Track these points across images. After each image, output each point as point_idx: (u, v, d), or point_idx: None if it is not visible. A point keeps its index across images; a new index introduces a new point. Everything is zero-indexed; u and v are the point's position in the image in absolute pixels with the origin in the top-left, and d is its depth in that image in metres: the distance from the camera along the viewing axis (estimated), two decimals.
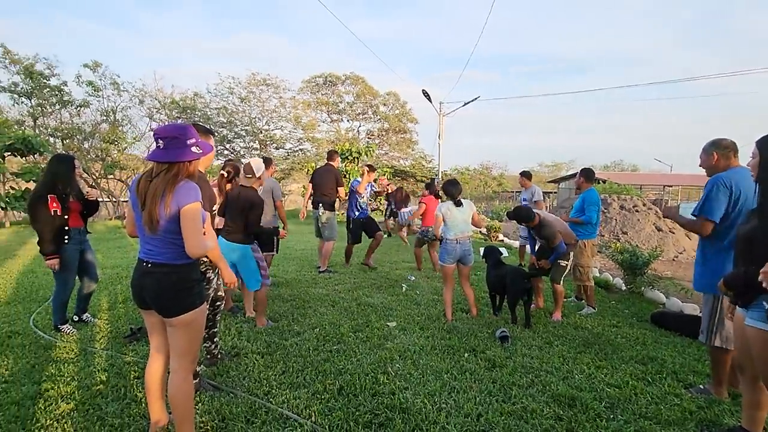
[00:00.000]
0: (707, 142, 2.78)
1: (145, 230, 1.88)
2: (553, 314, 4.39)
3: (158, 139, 1.89)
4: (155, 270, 1.93)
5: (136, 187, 1.91)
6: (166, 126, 1.95)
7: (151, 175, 1.88)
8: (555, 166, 47.22)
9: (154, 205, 1.82)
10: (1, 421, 2.28)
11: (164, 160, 1.86)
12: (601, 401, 2.65)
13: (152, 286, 1.93)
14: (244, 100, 22.45)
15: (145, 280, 1.95)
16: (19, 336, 3.54)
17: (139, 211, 1.89)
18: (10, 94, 15.56)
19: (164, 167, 1.86)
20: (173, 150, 1.86)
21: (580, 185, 4.81)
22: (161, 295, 1.92)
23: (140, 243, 1.99)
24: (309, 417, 2.39)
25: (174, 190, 1.83)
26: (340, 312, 4.36)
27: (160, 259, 1.92)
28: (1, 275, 5.81)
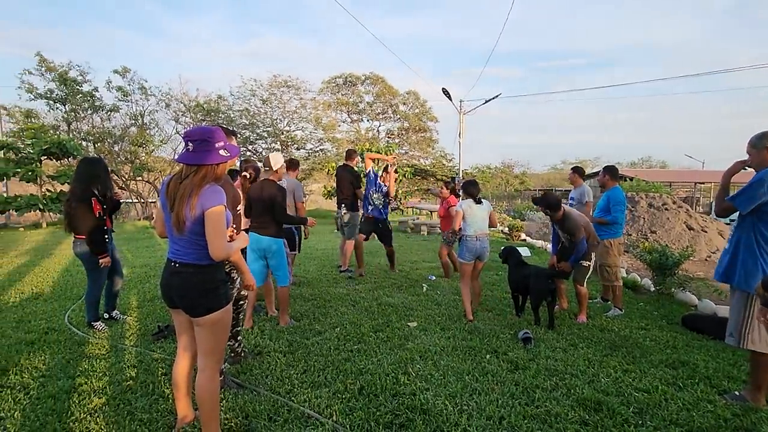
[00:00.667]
0: (754, 136, 2.61)
1: (173, 231, 1.94)
2: (578, 316, 4.29)
3: (188, 141, 1.93)
4: (182, 270, 1.98)
5: (166, 188, 1.97)
6: (195, 129, 1.99)
7: (180, 176, 1.94)
8: (579, 163, 46.11)
9: (181, 207, 1.87)
10: (39, 414, 2.39)
11: (192, 163, 1.90)
12: (628, 406, 2.57)
13: (179, 286, 1.98)
14: (266, 101, 22.80)
15: (172, 279, 2.00)
16: (55, 332, 3.70)
17: (168, 212, 1.95)
18: (46, 101, 16.28)
19: (193, 169, 1.91)
20: (201, 153, 1.91)
21: (604, 183, 4.66)
22: (188, 294, 1.97)
23: (169, 243, 2.04)
24: (330, 416, 2.41)
25: (200, 193, 1.87)
26: (360, 312, 4.38)
27: (186, 260, 1.97)
28: (39, 274, 6.09)
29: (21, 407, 2.47)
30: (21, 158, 12.75)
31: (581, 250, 4.08)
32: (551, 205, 4.03)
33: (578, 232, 3.98)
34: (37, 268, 6.46)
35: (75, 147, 13.36)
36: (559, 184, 35.83)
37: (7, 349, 3.29)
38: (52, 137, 13.08)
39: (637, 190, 12.32)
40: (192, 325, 2.07)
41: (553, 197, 4.09)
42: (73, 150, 13.14)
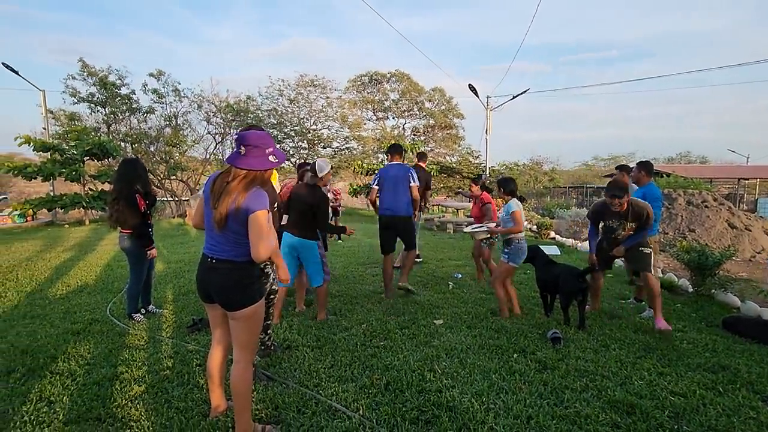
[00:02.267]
0: None
1: (214, 227, 2.01)
2: (655, 320, 3.83)
3: (240, 144, 2.00)
4: (219, 266, 2.05)
5: (212, 184, 2.05)
6: (251, 133, 2.04)
7: (227, 176, 2.01)
8: (612, 159, 44.35)
9: (226, 206, 1.94)
10: (86, 399, 2.54)
11: (244, 167, 1.97)
12: (663, 410, 2.48)
13: (217, 281, 2.06)
14: (293, 101, 23.18)
15: (210, 274, 2.08)
16: (98, 323, 3.92)
17: (210, 208, 2.03)
18: (88, 104, 17.14)
19: (242, 173, 1.98)
20: (253, 158, 1.98)
21: (639, 179, 4.50)
22: (225, 290, 2.05)
23: (206, 238, 2.13)
24: (357, 410, 2.45)
25: (246, 196, 1.95)
26: (386, 308, 4.40)
27: (224, 256, 2.04)
28: (83, 268, 6.44)
29: (69, 392, 2.63)
30: (66, 159, 13.48)
31: (639, 235, 3.88)
32: (622, 191, 3.82)
33: (649, 213, 3.79)
34: (81, 263, 6.83)
35: (114, 148, 14.01)
36: (590, 181, 34.69)
37: (55, 338, 3.52)
38: (94, 139, 13.75)
39: (674, 186, 11.81)
40: (226, 319, 2.15)
41: (623, 183, 3.92)
42: (113, 151, 13.79)
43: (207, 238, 2.12)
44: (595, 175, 38.96)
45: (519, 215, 3.96)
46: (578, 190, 29.33)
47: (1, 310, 4.34)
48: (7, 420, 2.32)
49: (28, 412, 2.39)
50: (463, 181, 24.31)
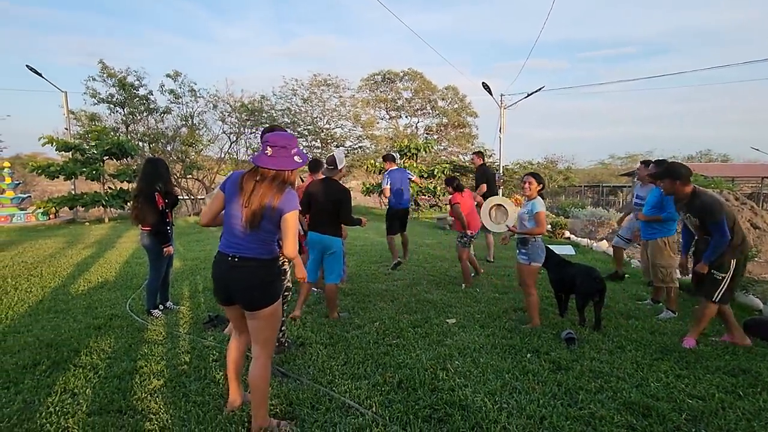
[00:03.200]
0: None
1: (244, 227, 2.04)
2: (686, 337, 3.50)
3: (267, 146, 2.05)
4: (243, 264, 2.08)
5: (240, 184, 2.07)
6: (278, 135, 2.10)
7: (255, 176, 2.05)
8: (629, 157, 43.44)
9: (260, 206, 1.99)
10: (107, 391, 2.62)
11: (272, 168, 2.03)
12: (680, 413, 2.45)
13: (241, 280, 2.09)
14: (307, 100, 23.32)
15: (232, 273, 2.10)
16: (119, 318, 4.03)
17: (237, 206, 2.06)
18: (107, 105, 17.54)
19: (272, 173, 2.03)
20: (280, 159, 2.04)
21: (649, 178, 4.39)
22: (250, 288, 2.08)
23: (225, 237, 2.15)
24: (370, 407, 2.47)
25: (282, 197, 2.01)
26: (399, 307, 4.42)
27: (249, 254, 2.08)
28: (103, 265, 6.62)
29: (91, 385, 2.72)
30: (86, 158, 13.82)
31: (719, 245, 3.23)
32: (678, 175, 3.33)
33: (717, 212, 3.19)
34: (102, 260, 7.01)
35: (132, 147, 14.31)
36: (606, 180, 34.08)
37: (78, 332, 3.63)
38: (113, 138, 14.06)
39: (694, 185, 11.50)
40: (245, 318, 2.18)
41: (680, 165, 3.44)
42: (131, 150, 14.09)
43: (227, 236, 2.14)
44: (612, 174, 38.24)
45: (543, 216, 3.77)
46: (594, 189, 28.87)
47: (27, 304, 4.48)
48: (33, 410, 2.41)
49: (53, 404, 2.48)
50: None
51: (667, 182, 3.49)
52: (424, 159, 21.48)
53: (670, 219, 4.24)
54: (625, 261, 7.40)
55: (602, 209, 12.74)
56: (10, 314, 4.14)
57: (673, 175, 3.43)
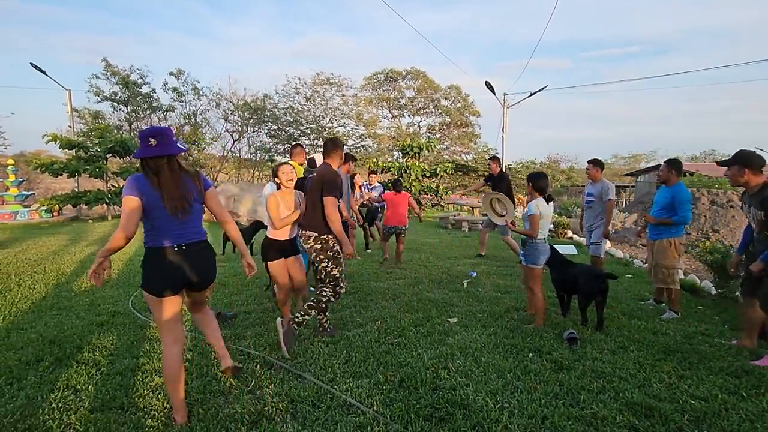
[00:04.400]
0: None
1: (179, 216, 2.22)
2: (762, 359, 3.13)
3: (149, 138, 2.23)
4: (199, 247, 2.34)
5: (150, 184, 2.21)
6: (152, 128, 2.34)
7: (171, 165, 2.28)
8: (633, 157, 43.34)
9: (186, 190, 2.29)
10: (109, 388, 2.63)
11: (159, 154, 2.22)
12: (683, 413, 2.43)
13: (203, 262, 2.37)
14: (309, 99, 23.37)
15: (195, 258, 2.31)
16: (121, 315, 4.04)
17: (158, 203, 2.18)
18: (110, 103, 17.62)
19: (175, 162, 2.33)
20: (166, 146, 2.25)
21: (668, 179, 4.25)
22: (210, 267, 2.42)
23: (167, 230, 2.21)
24: (371, 406, 2.47)
25: (200, 175, 2.40)
26: (400, 306, 4.42)
27: (199, 237, 2.35)
28: None
29: (94, 381, 2.73)
30: (90, 156, 13.88)
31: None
32: (750, 162, 3.02)
33: None
34: None
35: (135, 145, 14.36)
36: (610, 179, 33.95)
37: (81, 329, 3.64)
38: (116, 136, 14.14)
39: (698, 186, 11.49)
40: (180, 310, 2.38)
41: (752, 152, 3.10)
42: (134, 148, 14.14)
43: (170, 229, 2.21)
44: (615, 174, 38.11)
45: (536, 219, 3.70)
46: None
47: (30, 301, 4.51)
48: (36, 406, 2.42)
49: (56, 400, 2.49)
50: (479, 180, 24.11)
51: (734, 169, 3.14)
52: (427, 158, 21.47)
53: (682, 222, 4.14)
54: (628, 260, 7.38)
55: None
56: (14, 311, 4.16)
57: (745, 162, 3.07)
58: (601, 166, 4.76)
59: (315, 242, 3.36)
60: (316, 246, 3.36)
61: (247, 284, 5.30)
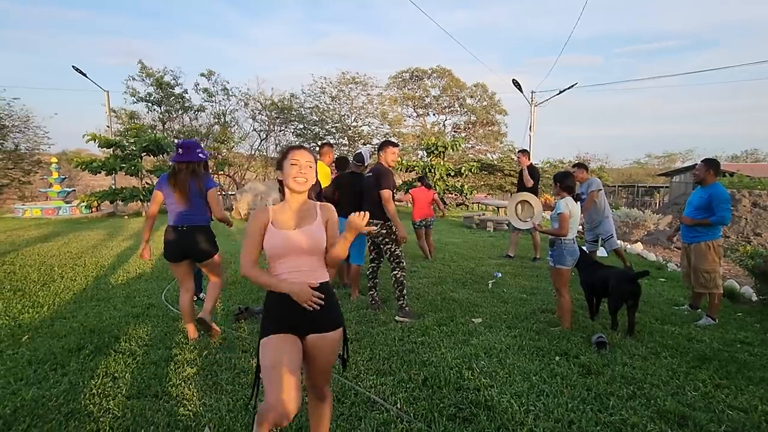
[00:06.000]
0: None
1: (182, 205, 3.22)
2: None
3: (179, 149, 3.26)
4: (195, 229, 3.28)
5: (168, 182, 3.28)
6: (185, 141, 3.34)
7: (177, 173, 3.27)
8: (667, 157, 41.59)
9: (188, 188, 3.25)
10: (144, 377, 2.75)
11: (184, 160, 3.26)
12: (720, 424, 2.34)
13: (196, 241, 3.28)
14: (335, 98, 23.55)
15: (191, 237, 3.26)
16: (155, 308, 4.21)
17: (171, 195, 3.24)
18: (145, 103, 18.29)
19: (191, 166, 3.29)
20: (188, 155, 3.26)
21: (704, 178, 4.08)
22: (201, 246, 3.30)
23: (175, 215, 3.25)
24: (395, 403, 2.49)
25: (205, 177, 3.35)
26: (424, 305, 4.42)
27: (195, 222, 3.28)
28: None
29: (130, 370, 2.86)
30: (126, 155, 14.47)
31: None
32: None
33: None
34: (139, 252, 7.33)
35: (168, 144, 14.86)
36: (643, 180, 32.74)
37: (118, 320, 3.82)
38: (150, 136, 14.66)
39: (738, 187, 10.94)
40: (190, 270, 3.43)
41: None
42: (167, 147, 14.64)
43: (177, 213, 3.24)
44: (648, 174, 36.71)
45: (565, 218, 3.64)
46: (629, 190, 27.82)
47: (72, 292, 4.76)
48: (78, 391, 2.56)
49: (96, 386, 2.63)
50: (504, 179, 23.75)
51: None
52: (451, 157, 21.29)
53: (720, 223, 3.98)
54: (662, 264, 7.11)
55: (637, 210, 12.25)
56: (57, 301, 4.40)
57: None
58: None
59: (381, 228, 4.02)
60: (382, 231, 4.02)
61: None
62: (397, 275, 4.01)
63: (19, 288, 4.81)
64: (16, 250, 7.11)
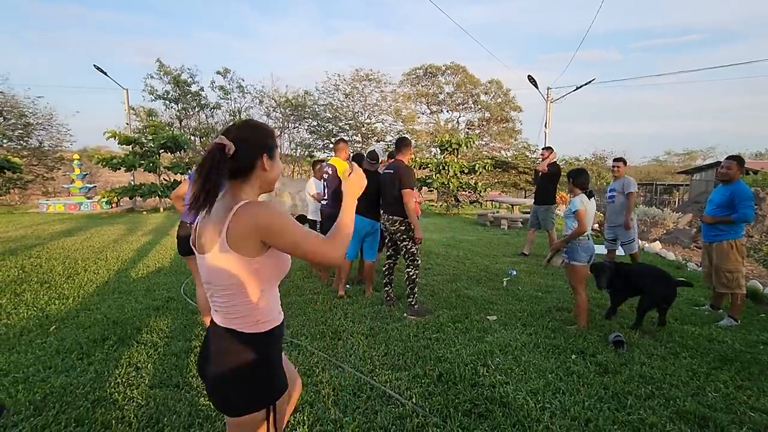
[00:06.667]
0: None
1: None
2: None
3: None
4: None
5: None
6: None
7: None
8: (688, 154, 40.53)
9: None
10: (166, 367, 2.83)
11: None
12: (741, 426, 2.30)
13: None
14: (348, 95, 23.60)
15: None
16: (174, 301, 4.31)
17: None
18: (163, 101, 18.63)
19: None
20: None
21: (732, 176, 3.96)
22: None
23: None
24: (410, 398, 2.51)
25: None
26: (439, 302, 4.42)
27: None
28: (160, 251, 7.08)
29: (152, 360, 2.94)
30: (144, 152, 14.78)
31: None
32: None
33: None
34: (158, 246, 7.50)
35: (185, 141, 15.14)
36: (662, 178, 32.03)
37: (139, 312, 3.92)
38: (168, 133, 14.94)
39: (762, 185, 10.64)
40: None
41: None
42: (184, 144, 14.91)
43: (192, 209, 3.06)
44: (668, 172, 35.88)
45: (583, 214, 3.62)
46: (647, 188, 27.25)
47: (95, 285, 4.90)
48: (103, 380, 2.65)
49: (120, 375, 2.71)
50: (519, 177, 23.51)
51: None
52: (465, 154, 21.17)
53: (743, 220, 3.87)
54: (681, 263, 6.97)
55: (656, 209, 12.02)
56: (81, 293, 4.54)
57: None
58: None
59: (400, 225, 4.04)
60: (401, 228, 4.04)
61: (289, 274, 5.49)
62: (410, 273, 4.04)
63: (46, 280, 4.98)
64: (42, 244, 7.35)
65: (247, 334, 1.26)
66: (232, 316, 1.26)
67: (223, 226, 1.19)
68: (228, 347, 1.25)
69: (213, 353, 1.27)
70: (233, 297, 1.24)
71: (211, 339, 1.31)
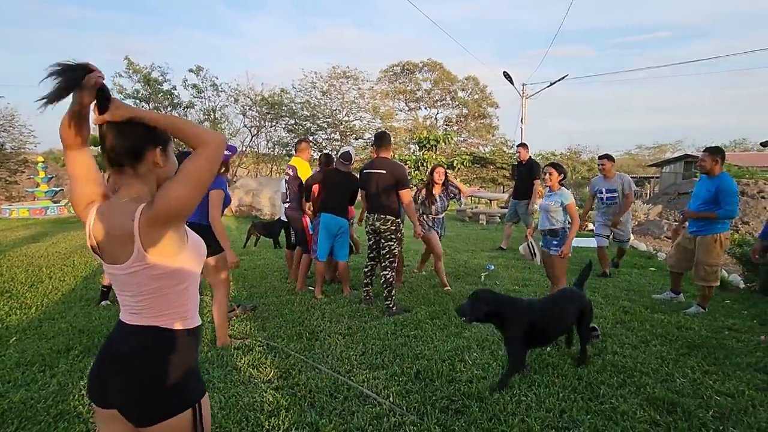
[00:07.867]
0: None
1: None
2: None
3: None
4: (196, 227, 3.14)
5: None
6: None
7: None
8: (657, 148, 41.92)
9: None
10: None
11: None
12: (707, 410, 2.37)
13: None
14: (326, 93, 23.40)
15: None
16: None
17: None
18: (133, 100, 18.00)
19: None
20: None
21: (711, 169, 3.91)
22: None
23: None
24: (387, 397, 2.49)
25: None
26: (417, 299, 4.42)
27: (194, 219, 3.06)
28: None
29: None
30: None
31: None
32: None
33: None
34: None
35: None
36: (633, 171, 33.03)
37: (108, 320, 3.76)
38: None
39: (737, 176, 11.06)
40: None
41: None
42: None
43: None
44: (639, 165, 37.06)
45: (574, 207, 3.67)
46: None
47: (61, 293, 4.69)
48: (67, 393, 2.53)
49: (85, 387, 2.59)
50: (497, 172, 23.84)
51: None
52: (444, 151, 21.31)
53: (727, 217, 3.88)
54: (652, 253, 7.19)
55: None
56: (45, 302, 4.34)
57: None
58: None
59: (391, 225, 4.01)
60: (391, 228, 4.01)
61: (266, 276, 5.39)
62: (386, 275, 4.03)
63: (6, 290, 4.74)
64: (3, 252, 7.00)
65: (176, 330, 1.20)
66: (158, 312, 1.19)
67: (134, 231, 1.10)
68: (152, 346, 1.18)
69: (128, 358, 1.17)
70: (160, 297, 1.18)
71: (126, 342, 1.20)
